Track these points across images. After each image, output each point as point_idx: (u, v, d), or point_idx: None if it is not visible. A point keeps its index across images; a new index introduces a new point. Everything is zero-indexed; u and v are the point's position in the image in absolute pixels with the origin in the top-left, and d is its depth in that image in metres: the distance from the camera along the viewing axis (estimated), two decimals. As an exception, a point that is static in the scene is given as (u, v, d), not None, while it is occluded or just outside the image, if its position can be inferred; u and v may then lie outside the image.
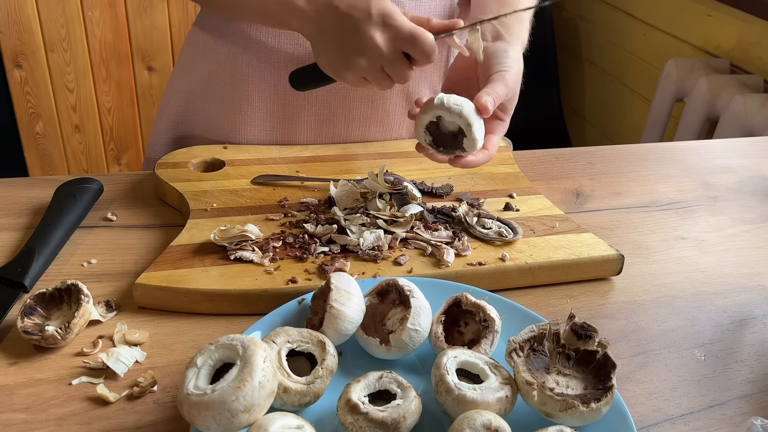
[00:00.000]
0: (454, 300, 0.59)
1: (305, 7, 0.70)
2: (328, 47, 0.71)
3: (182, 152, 0.87)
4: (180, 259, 0.67)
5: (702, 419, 0.57)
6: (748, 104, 1.71)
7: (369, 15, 0.67)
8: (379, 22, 0.67)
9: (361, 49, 0.68)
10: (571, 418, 0.49)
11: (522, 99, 0.80)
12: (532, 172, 0.94)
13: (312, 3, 0.70)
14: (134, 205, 0.80)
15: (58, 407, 0.53)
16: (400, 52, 0.69)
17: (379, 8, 0.67)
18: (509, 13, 0.75)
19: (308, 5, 0.70)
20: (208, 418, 0.45)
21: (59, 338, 0.57)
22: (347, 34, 0.68)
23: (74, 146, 2.31)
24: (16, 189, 0.81)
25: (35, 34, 2.10)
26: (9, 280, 0.63)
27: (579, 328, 0.54)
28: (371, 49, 0.68)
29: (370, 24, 0.67)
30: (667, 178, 0.97)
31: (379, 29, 0.67)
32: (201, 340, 0.61)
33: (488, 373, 0.52)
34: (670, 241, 0.82)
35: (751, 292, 0.73)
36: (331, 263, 0.67)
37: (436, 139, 0.70)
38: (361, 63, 0.69)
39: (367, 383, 0.51)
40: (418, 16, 0.71)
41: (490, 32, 0.78)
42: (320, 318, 0.57)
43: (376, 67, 0.70)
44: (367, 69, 0.70)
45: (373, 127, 0.95)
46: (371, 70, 0.70)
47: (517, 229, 0.75)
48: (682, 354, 0.64)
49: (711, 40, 2.05)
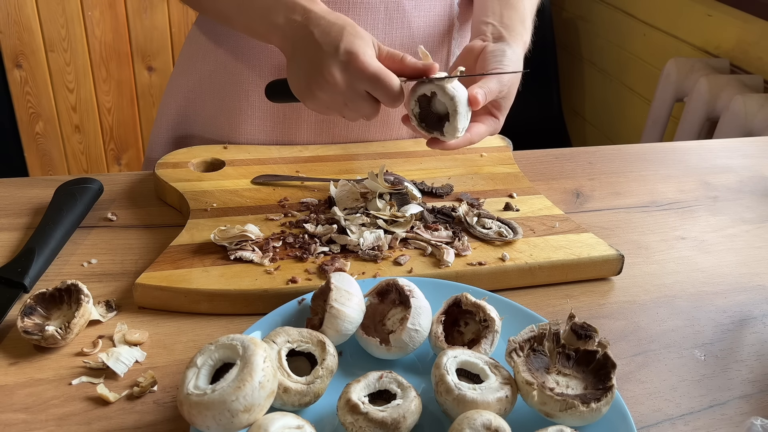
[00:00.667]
0: (454, 300, 0.59)
1: (285, 27, 0.70)
2: (296, 70, 0.70)
3: (182, 152, 0.87)
4: (180, 259, 0.67)
5: (702, 419, 0.57)
6: (748, 104, 1.71)
7: (336, 50, 0.66)
8: (344, 60, 0.66)
9: (319, 83, 0.67)
10: (571, 418, 0.49)
11: (522, 99, 0.80)
12: (532, 172, 0.94)
13: (291, 23, 0.70)
14: (134, 205, 0.80)
15: (58, 407, 0.53)
16: (363, 91, 0.67)
17: (347, 46, 0.66)
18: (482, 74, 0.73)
19: (287, 25, 0.70)
20: (208, 418, 0.45)
21: (59, 338, 0.57)
22: (312, 64, 0.68)
23: (74, 146, 2.31)
24: (16, 189, 0.81)
25: (35, 34, 2.10)
26: (9, 280, 0.63)
27: (579, 328, 0.54)
28: (330, 85, 0.67)
29: (334, 60, 0.66)
30: (667, 178, 0.97)
31: (340, 67, 0.66)
32: (201, 340, 0.61)
33: (488, 373, 0.52)
34: (670, 241, 0.82)
35: (751, 292, 0.73)
36: (331, 263, 0.67)
37: (423, 113, 0.70)
38: (321, 96, 0.69)
39: (367, 383, 0.51)
40: (392, 54, 0.68)
41: (491, 33, 0.78)
42: (320, 318, 0.57)
43: (337, 101, 0.69)
44: (326, 102, 0.69)
45: (373, 127, 0.95)
46: (331, 103, 0.69)
47: (517, 229, 0.75)
48: (682, 354, 0.64)
49: (711, 40, 2.05)
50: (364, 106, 0.69)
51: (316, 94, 0.69)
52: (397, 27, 0.87)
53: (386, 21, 0.86)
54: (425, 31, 0.89)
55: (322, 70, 0.67)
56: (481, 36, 0.79)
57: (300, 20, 0.69)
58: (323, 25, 0.68)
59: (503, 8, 0.80)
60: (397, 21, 0.87)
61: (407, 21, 0.87)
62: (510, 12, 0.80)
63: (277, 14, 0.70)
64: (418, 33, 0.89)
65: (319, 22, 0.68)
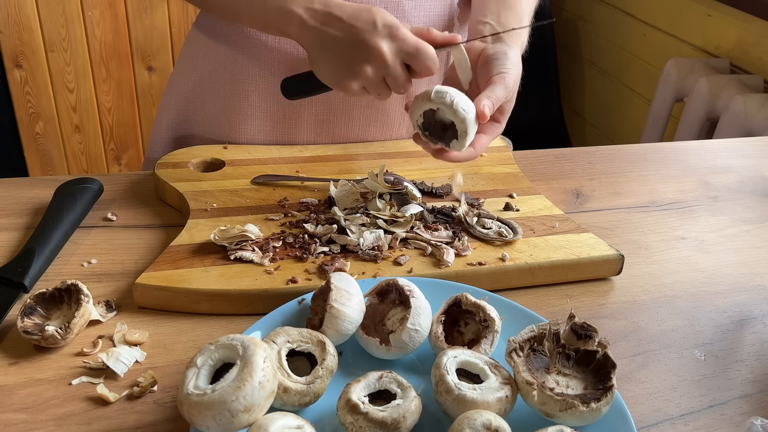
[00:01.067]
0: (454, 300, 0.59)
1: (305, 16, 0.71)
2: (329, 57, 0.72)
3: (182, 152, 0.87)
4: (180, 259, 0.67)
5: (702, 419, 0.57)
6: (748, 104, 1.71)
7: (374, 26, 0.69)
8: (386, 33, 0.69)
9: (366, 58, 0.69)
10: (571, 418, 0.49)
11: (522, 99, 0.80)
12: (532, 172, 0.94)
13: (312, 12, 0.71)
14: (134, 205, 0.80)
15: (58, 407, 0.53)
16: (402, 63, 0.70)
17: (385, 20, 0.69)
18: (508, 29, 0.76)
19: (308, 14, 0.71)
20: (208, 418, 0.45)
21: (59, 338, 0.57)
22: (352, 44, 0.69)
23: (74, 146, 2.31)
24: (16, 189, 0.81)
25: (35, 34, 2.10)
26: (9, 280, 0.63)
27: (579, 328, 0.54)
28: (377, 59, 0.69)
29: (376, 35, 0.69)
30: (667, 178, 0.97)
31: (386, 40, 0.69)
32: (201, 340, 0.61)
33: (488, 373, 0.52)
34: (670, 241, 0.82)
35: (751, 292, 0.73)
36: (331, 263, 0.67)
37: (426, 123, 0.70)
38: (366, 72, 0.70)
39: (367, 383, 0.51)
40: (419, 28, 0.72)
41: (489, 32, 0.78)
42: (320, 318, 0.57)
43: (379, 76, 0.71)
44: (370, 78, 0.71)
45: (373, 127, 0.95)
46: (374, 79, 0.71)
47: (517, 229, 0.75)
48: (682, 354, 0.64)
49: (711, 40, 2.05)
50: (403, 77, 0.71)
51: (358, 72, 0.70)
52: (397, 27, 0.87)
53: (386, 21, 0.86)
54: (425, 31, 0.89)
55: (367, 45, 0.69)
56: (477, 36, 0.79)
57: (321, 8, 0.71)
58: (349, 8, 0.70)
59: (501, 8, 0.80)
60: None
61: (407, 21, 0.87)
62: (507, 12, 0.80)
63: (293, 3, 0.72)
64: (418, 33, 0.89)
65: (344, 8, 0.71)
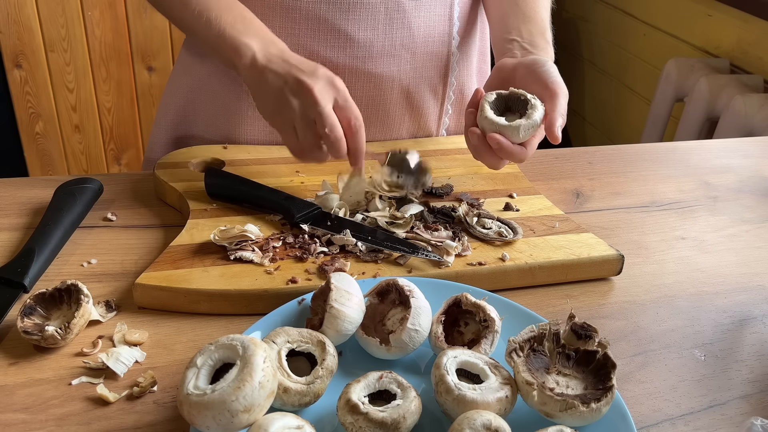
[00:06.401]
0: (454, 300, 0.59)
1: (258, 55, 0.74)
2: (266, 90, 0.73)
3: (182, 152, 0.87)
4: (180, 259, 0.67)
5: (702, 419, 0.57)
6: (748, 104, 1.71)
7: (314, 71, 0.71)
8: (325, 80, 0.70)
9: (296, 92, 0.70)
10: (571, 418, 0.49)
11: (522, 99, 0.80)
12: (532, 172, 0.94)
13: (265, 52, 0.74)
14: (134, 205, 0.80)
15: (58, 407, 0.53)
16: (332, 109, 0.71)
17: (328, 73, 0.71)
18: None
19: (261, 53, 0.74)
20: (208, 418, 0.45)
21: (59, 338, 0.57)
22: (288, 80, 0.71)
23: (74, 146, 2.32)
24: (16, 189, 0.81)
25: (35, 34, 2.10)
26: (9, 280, 0.63)
27: (579, 328, 0.54)
28: (306, 95, 0.70)
29: (313, 76, 0.70)
30: (667, 178, 0.97)
31: (321, 82, 0.70)
32: (201, 340, 0.61)
33: (488, 373, 0.52)
34: (670, 241, 0.82)
35: (751, 292, 0.73)
36: (331, 263, 0.67)
37: (495, 103, 0.74)
38: (293, 104, 0.71)
39: (367, 383, 0.51)
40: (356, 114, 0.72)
41: (518, 50, 0.80)
42: (320, 318, 0.57)
43: (307, 115, 0.71)
44: (297, 114, 0.71)
45: (373, 127, 0.95)
46: (300, 116, 0.71)
47: (517, 229, 0.75)
48: (682, 354, 0.64)
49: (711, 40, 2.05)
50: (331, 119, 0.70)
51: (286, 104, 0.72)
52: (397, 27, 0.87)
53: (386, 21, 0.86)
54: (425, 31, 0.90)
55: (299, 81, 0.70)
56: (507, 54, 0.80)
57: (275, 52, 0.74)
58: (301, 59, 0.73)
59: (522, 23, 0.81)
60: (397, 21, 0.87)
61: (407, 21, 0.87)
62: (530, 26, 0.81)
63: (251, 39, 0.75)
64: (418, 33, 0.89)
65: (297, 57, 0.73)
